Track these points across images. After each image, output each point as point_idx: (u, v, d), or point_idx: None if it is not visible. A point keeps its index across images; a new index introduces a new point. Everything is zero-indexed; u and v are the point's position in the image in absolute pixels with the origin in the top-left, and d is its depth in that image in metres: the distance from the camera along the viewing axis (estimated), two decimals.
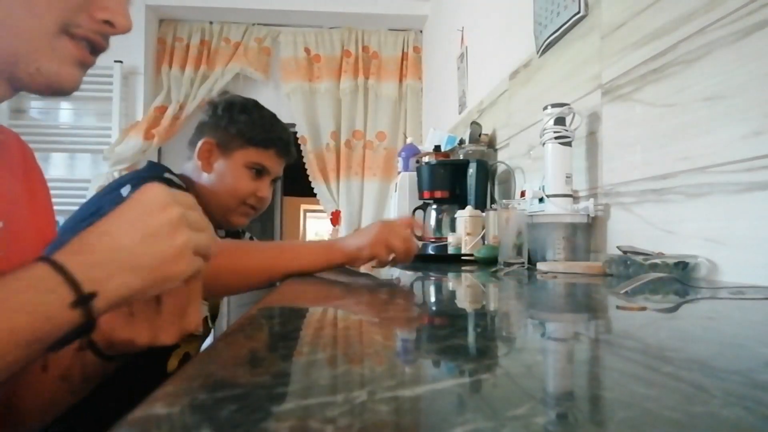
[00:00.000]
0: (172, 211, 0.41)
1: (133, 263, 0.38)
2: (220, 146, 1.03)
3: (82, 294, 0.36)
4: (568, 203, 1.03)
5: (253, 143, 1.03)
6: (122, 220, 0.40)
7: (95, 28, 0.47)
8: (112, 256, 0.38)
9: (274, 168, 1.07)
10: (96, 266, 0.37)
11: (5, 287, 0.35)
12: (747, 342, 0.35)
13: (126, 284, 0.38)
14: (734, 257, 0.70)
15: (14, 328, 0.34)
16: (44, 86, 0.46)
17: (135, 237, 0.39)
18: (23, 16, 0.43)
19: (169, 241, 0.40)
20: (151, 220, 0.40)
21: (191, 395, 0.21)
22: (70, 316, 0.36)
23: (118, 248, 0.38)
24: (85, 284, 0.36)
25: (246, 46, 3.31)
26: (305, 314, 0.49)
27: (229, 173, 1.03)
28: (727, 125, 0.71)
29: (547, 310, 0.53)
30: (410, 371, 0.27)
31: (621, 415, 0.19)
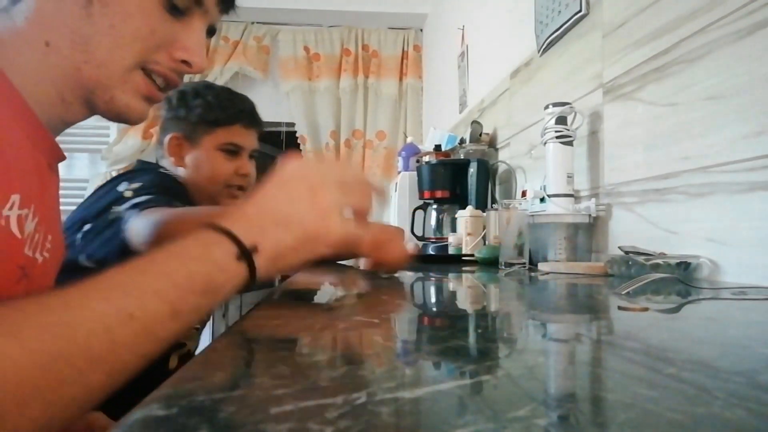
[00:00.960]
0: (312, 178, 0.44)
1: (282, 221, 0.41)
2: (187, 138, 1.02)
3: (245, 248, 0.38)
4: (569, 203, 1.02)
5: (216, 124, 1.02)
6: (267, 190, 0.43)
7: (172, 66, 0.51)
8: (262, 216, 0.41)
9: (246, 142, 1.06)
10: (251, 226, 0.40)
11: (176, 246, 0.37)
12: (749, 343, 0.34)
13: (280, 238, 0.41)
14: (736, 257, 0.69)
15: (190, 275, 0.36)
16: (115, 115, 0.50)
17: (281, 200, 0.43)
18: (107, 49, 0.46)
19: (312, 201, 0.43)
20: (291, 186, 0.43)
21: (190, 397, 0.21)
22: (238, 268, 0.38)
23: (267, 209, 0.42)
24: (245, 239, 0.39)
25: (245, 45, 3.31)
26: (304, 315, 0.49)
27: (203, 161, 1.02)
28: (729, 125, 0.71)
29: (549, 310, 0.53)
30: (410, 372, 0.27)
31: (623, 417, 0.19)
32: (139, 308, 0.32)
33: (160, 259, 0.36)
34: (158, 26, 0.48)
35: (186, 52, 0.50)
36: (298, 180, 0.44)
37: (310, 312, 0.51)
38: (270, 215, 0.42)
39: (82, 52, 0.45)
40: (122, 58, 0.47)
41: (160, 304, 0.33)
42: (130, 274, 0.35)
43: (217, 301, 0.38)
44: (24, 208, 0.43)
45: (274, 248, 0.40)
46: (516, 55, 1.59)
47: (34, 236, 0.44)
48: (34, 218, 0.44)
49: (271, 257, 0.40)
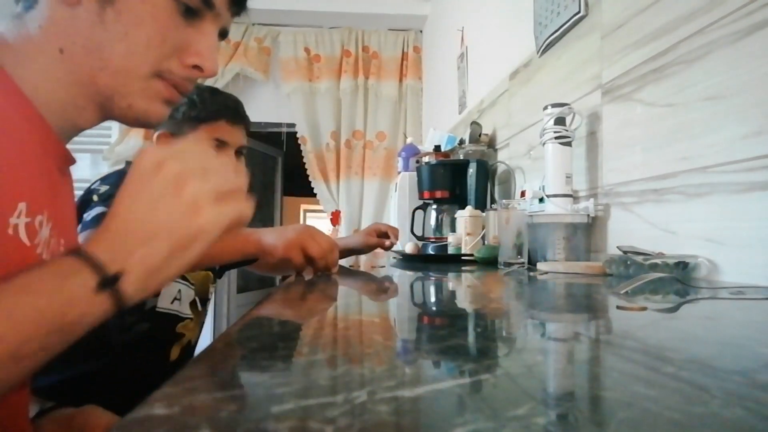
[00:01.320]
0: (168, 167, 0.38)
1: (148, 232, 0.37)
2: (174, 135, 1.04)
3: (106, 275, 0.35)
4: (568, 203, 1.03)
5: (200, 120, 1.03)
6: (125, 196, 0.38)
7: (185, 74, 0.50)
8: (126, 233, 0.37)
9: (231, 138, 1.06)
10: (114, 246, 0.36)
11: (29, 276, 0.34)
12: (747, 342, 0.35)
13: (148, 255, 0.36)
14: (734, 257, 0.70)
15: (40, 312, 0.33)
16: (133, 120, 0.50)
17: (141, 206, 0.37)
18: (122, 56, 0.46)
19: (175, 198, 0.38)
20: (150, 184, 0.38)
21: (191, 396, 0.21)
22: (97, 299, 0.35)
23: (130, 223, 0.37)
24: (109, 265, 0.35)
25: (246, 46, 3.31)
26: (305, 314, 0.49)
27: None
28: (727, 125, 0.71)
29: (548, 310, 0.53)
30: (410, 371, 0.27)
31: (621, 416, 0.19)
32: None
33: (5, 294, 0.33)
34: (171, 33, 0.48)
35: (198, 56, 0.50)
36: (154, 178, 0.38)
37: (310, 311, 0.51)
38: (133, 229, 0.37)
39: (96, 59, 0.45)
40: (137, 65, 0.47)
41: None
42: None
43: (73, 337, 0.35)
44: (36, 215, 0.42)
45: (144, 267, 0.36)
46: (515, 56, 1.59)
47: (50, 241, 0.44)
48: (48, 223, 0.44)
49: (141, 278, 0.36)
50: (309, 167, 3.34)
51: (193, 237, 0.38)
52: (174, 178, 0.38)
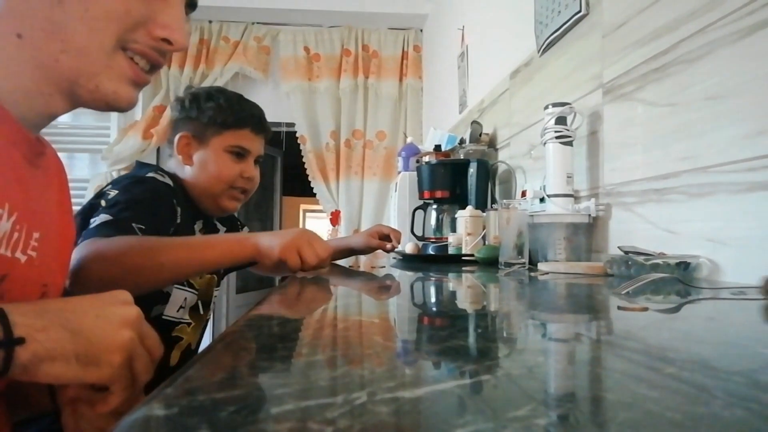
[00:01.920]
0: (130, 310, 0.40)
1: (76, 326, 0.37)
2: (196, 137, 1.05)
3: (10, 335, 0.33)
4: (569, 203, 1.02)
5: (226, 126, 1.04)
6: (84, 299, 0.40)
7: (152, 45, 0.49)
8: (59, 314, 0.37)
9: (253, 146, 1.09)
10: (39, 315, 0.36)
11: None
12: (749, 343, 0.35)
13: (58, 340, 0.36)
14: (736, 257, 0.69)
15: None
16: (102, 103, 0.48)
17: (88, 311, 0.38)
18: (84, 35, 0.44)
19: (116, 330, 0.39)
20: (109, 308, 0.40)
21: (190, 397, 0.21)
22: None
23: (67, 310, 0.38)
24: (19, 327, 0.34)
25: (245, 45, 3.31)
26: (304, 315, 0.49)
27: (210, 161, 1.05)
28: (728, 125, 0.71)
29: (548, 310, 0.53)
30: (410, 372, 0.27)
31: (622, 417, 0.19)
32: None
33: None
34: (133, 4, 0.46)
35: (165, 29, 0.48)
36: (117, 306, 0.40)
37: (309, 312, 0.51)
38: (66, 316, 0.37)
39: (57, 41, 0.43)
40: (100, 41, 0.45)
41: None
42: None
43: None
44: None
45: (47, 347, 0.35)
46: (516, 55, 1.59)
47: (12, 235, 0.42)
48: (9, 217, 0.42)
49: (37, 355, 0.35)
50: (308, 167, 3.34)
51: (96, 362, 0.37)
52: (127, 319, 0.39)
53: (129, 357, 0.39)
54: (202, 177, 1.05)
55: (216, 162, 1.05)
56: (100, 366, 0.37)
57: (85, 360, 0.37)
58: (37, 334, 0.35)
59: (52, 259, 0.50)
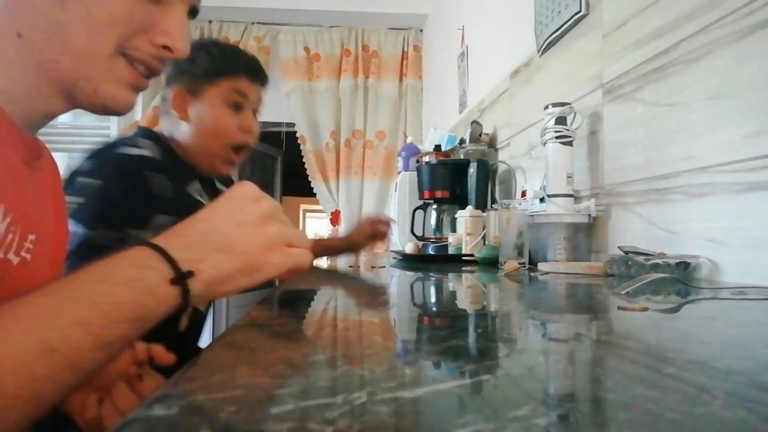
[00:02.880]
0: (264, 204, 0.43)
1: (226, 246, 0.40)
2: (191, 90, 0.99)
3: (180, 271, 0.37)
4: (569, 203, 1.02)
5: (220, 75, 0.99)
6: (216, 210, 0.42)
7: (153, 53, 0.48)
8: (206, 239, 0.40)
9: (250, 94, 1.02)
10: (192, 247, 0.39)
11: (107, 266, 0.36)
12: (749, 343, 0.34)
13: (220, 265, 0.39)
14: (736, 257, 0.69)
15: (118, 301, 0.34)
16: (100, 107, 0.47)
17: (228, 224, 0.41)
18: (85, 37, 0.44)
19: (260, 230, 0.41)
20: (244, 210, 0.42)
21: (190, 397, 0.21)
22: (171, 293, 0.37)
23: (212, 232, 0.40)
24: (182, 263, 0.37)
25: (245, 45, 3.30)
26: (304, 315, 0.49)
27: (207, 114, 0.99)
28: (728, 125, 0.71)
29: (548, 310, 0.53)
30: (410, 372, 0.27)
31: (622, 417, 0.19)
32: (62, 341, 0.31)
33: (88, 282, 0.34)
34: (136, 9, 0.46)
35: (167, 36, 0.48)
36: (250, 206, 0.42)
37: (309, 312, 0.51)
38: (213, 238, 0.40)
39: (58, 42, 0.43)
40: (101, 46, 0.44)
41: (84, 335, 0.32)
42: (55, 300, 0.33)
43: (145, 328, 0.36)
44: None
45: (213, 274, 0.39)
46: (516, 55, 1.59)
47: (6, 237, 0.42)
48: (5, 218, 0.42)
49: (207, 283, 0.38)
50: (309, 167, 3.34)
51: (258, 267, 0.41)
52: (264, 214, 0.42)
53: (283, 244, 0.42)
54: (199, 133, 0.99)
55: (213, 115, 0.99)
56: (263, 269, 0.41)
57: (248, 271, 0.40)
58: (199, 264, 0.38)
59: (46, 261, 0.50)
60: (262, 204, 0.43)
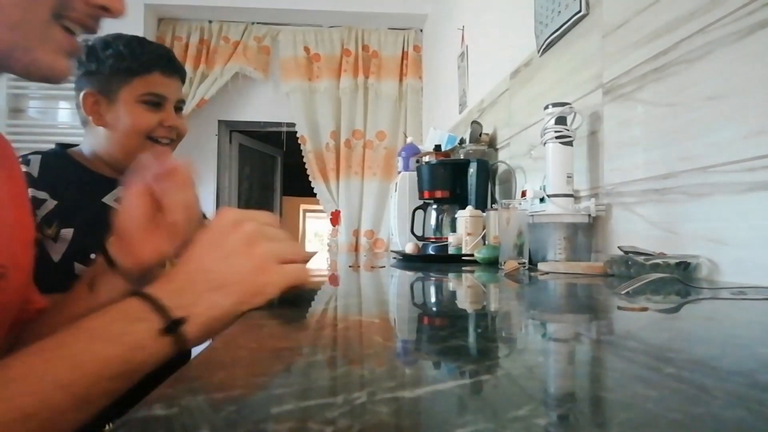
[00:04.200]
0: (245, 227, 0.41)
1: (218, 282, 0.39)
2: (102, 93, 0.93)
3: (172, 319, 0.36)
4: (569, 203, 1.02)
5: (132, 73, 0.93)
6: (200, 248, 0.41)
7: (89, 12, 0.46)
8: (196, 280, 0.39)
9: (168, 91, 0.96)
10: (182, 292, 0.37)
11: (95, 321, 0.35)
12: (749, 343, 0.34)
13: (215, 304, 0.38)
14: (736, 257, 0.69)
15: (105, 359, 0.33)
16: (39, 76, 0.45)
17: (215, 258, 0.40)
18: (22, 6, 0.42)
19: (249, 254, 0.40)
20: (228, 239, 0.41)
21: (190, 397, 0.21)
22: (162, 343, 0.36)
23: (200, 271, 0.39)
24: (174, 310, 0.36)
25: (245, 45, 3.31)
26: (304, 314, 0.49)
27: (124, 116, 0.93)
28: (729, 125, 0.71)
29: (548, 310, 0.53)
30: (410, 372, 0.27)
31: (622, 416, 0.19)
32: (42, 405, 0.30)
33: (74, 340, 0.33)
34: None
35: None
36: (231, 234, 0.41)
37: (310, 312, 0.51)
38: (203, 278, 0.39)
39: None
40: (36, 14, 0.42)
41: (65, 397, 0.31)
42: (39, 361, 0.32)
43: (136, 378, 0.35)
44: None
45: (208, 315, 0.37)
46: (516, 55, 1.59)
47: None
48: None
49: (204, 324, 0.37)
50: (309, 167, 3.34)
51: (256, 292, 0.40)
52: (249, 236, 0.41)
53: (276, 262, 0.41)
54: (116, 135, 0.93)
55: (130, 116, 0.92)
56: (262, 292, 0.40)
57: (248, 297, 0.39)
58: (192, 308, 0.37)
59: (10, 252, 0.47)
60: (245, 227, 0.41)
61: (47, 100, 3.08)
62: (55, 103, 3.07)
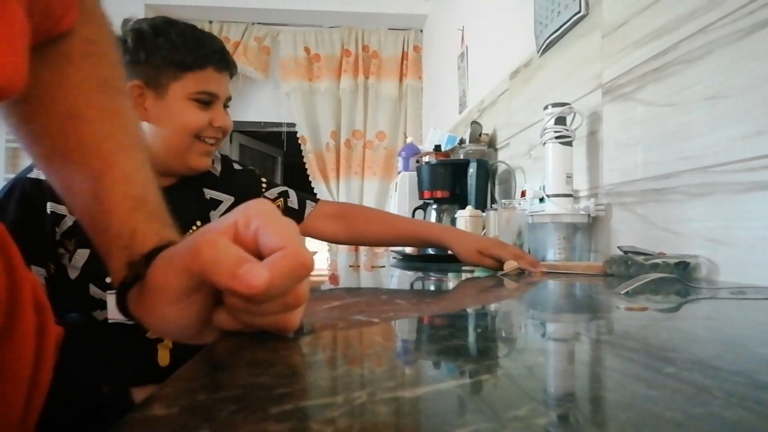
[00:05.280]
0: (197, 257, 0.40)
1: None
2: (150, 85, 0.86)
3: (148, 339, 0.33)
4: (568, 203, 1.02)
5: (185, 67, 0.86)
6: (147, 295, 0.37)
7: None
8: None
9: (220, 89, 0.90)
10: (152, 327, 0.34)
11: None
12: (748, 342, 0.35)
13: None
14: (735, 257, 0.69)
15: None
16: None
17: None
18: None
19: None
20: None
21: (190, 396, 0.21)
22: None
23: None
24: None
25: (245, 46, 3.31)
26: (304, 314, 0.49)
27: (173, 112, 0.87)
28: (728, 125, 0.71)
29: (548, 310, 0.53)
30: (410, 372, 0.27)
31: (622, 416, 0.19)
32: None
33: None
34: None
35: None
36: None
37: (309, 311, 0.51)
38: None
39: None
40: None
41: None
42: None
43: None
44: None
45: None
46: (516, 55, 1.59)
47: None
48: None
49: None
50: (309, 167, 3.35)
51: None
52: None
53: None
54: (162, 132, 0.87)
55: (180, 114, 0.87)
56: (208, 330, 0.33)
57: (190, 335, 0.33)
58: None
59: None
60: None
61: None
62: None
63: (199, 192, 0.96)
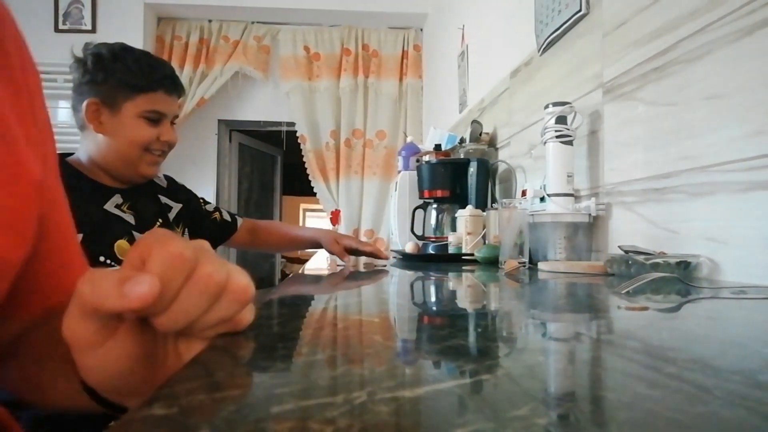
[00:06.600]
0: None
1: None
2: (106, 103, 0.98)
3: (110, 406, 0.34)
4: (569, 202, 1.02)
5: (137, 90, 0.99)
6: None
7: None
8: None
9: (168, 109, 1.04)
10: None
11: None
12: (749, 342, 0.34)
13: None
14: (736, 257, 0.69)
15: None
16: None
17: None
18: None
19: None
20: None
21: (190, 396, 0.21)
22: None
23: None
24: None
25: (245, 45, 3.31)
26: (304, 314, 0.49)
27: (124, 127, 1.00)
28: (729, 124, 0.71)
29: (549, 310, 0.53)
30: (410, 372, 0.27)
31: (623, 416, 0.19)
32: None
33: None
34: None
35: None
36: None
37: (309, 311, 0.51)
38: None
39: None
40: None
41: None
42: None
43: None
44: None
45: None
46: (516, 54, 1.59)
47: None
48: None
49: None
50: (308, 166, 3.34)
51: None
52: None
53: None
54: (115, 144, 1.00)
55: (131, 129, 0.99)
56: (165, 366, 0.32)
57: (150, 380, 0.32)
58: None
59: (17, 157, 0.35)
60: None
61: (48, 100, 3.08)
62: (56, 102, 3.07)
63: (155, 196, 1.12)
